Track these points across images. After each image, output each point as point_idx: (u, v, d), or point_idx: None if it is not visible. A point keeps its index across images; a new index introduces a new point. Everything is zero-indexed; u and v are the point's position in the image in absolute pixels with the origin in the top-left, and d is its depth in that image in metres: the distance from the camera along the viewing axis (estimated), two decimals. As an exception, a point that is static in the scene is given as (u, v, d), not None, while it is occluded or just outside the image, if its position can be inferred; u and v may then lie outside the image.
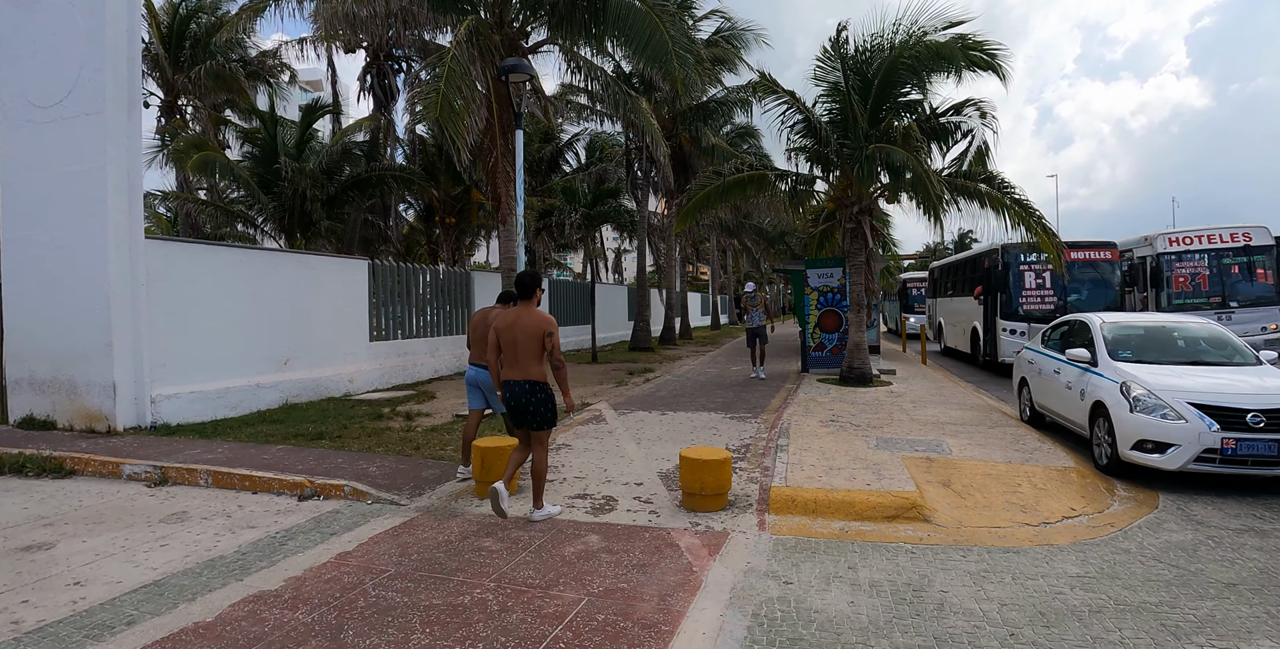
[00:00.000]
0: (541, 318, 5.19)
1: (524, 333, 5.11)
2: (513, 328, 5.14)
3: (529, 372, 5.14)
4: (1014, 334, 14.85)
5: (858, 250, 11.67)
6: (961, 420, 8.58)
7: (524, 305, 5.27)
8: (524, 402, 5.13)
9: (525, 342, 5.11)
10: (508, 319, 5.18)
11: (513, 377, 5.18)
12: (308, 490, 6.03)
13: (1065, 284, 14.82)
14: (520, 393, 5.13)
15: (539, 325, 5.12)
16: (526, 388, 5.12)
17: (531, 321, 5.13)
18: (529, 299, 5.29)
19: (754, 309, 13.16)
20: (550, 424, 5.26)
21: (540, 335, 5.11)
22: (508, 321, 5.17)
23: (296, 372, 10.97)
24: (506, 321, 5.17)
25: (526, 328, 5.12)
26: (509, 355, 5.19)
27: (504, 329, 5.17)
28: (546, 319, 5.21)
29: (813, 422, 8.29)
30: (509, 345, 5.16)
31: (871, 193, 11.57)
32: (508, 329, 5.15)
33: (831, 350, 13.26)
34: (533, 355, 5.13)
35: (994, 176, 10.55)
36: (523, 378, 5.14)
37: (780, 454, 6.58)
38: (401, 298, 13.91)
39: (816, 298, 13.22)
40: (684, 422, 8.52)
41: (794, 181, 11.85)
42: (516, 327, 5.13)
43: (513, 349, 5.15)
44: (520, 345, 5.13)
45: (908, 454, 6.62)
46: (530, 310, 5.22)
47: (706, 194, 12.19)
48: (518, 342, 5.13)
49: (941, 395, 10.80)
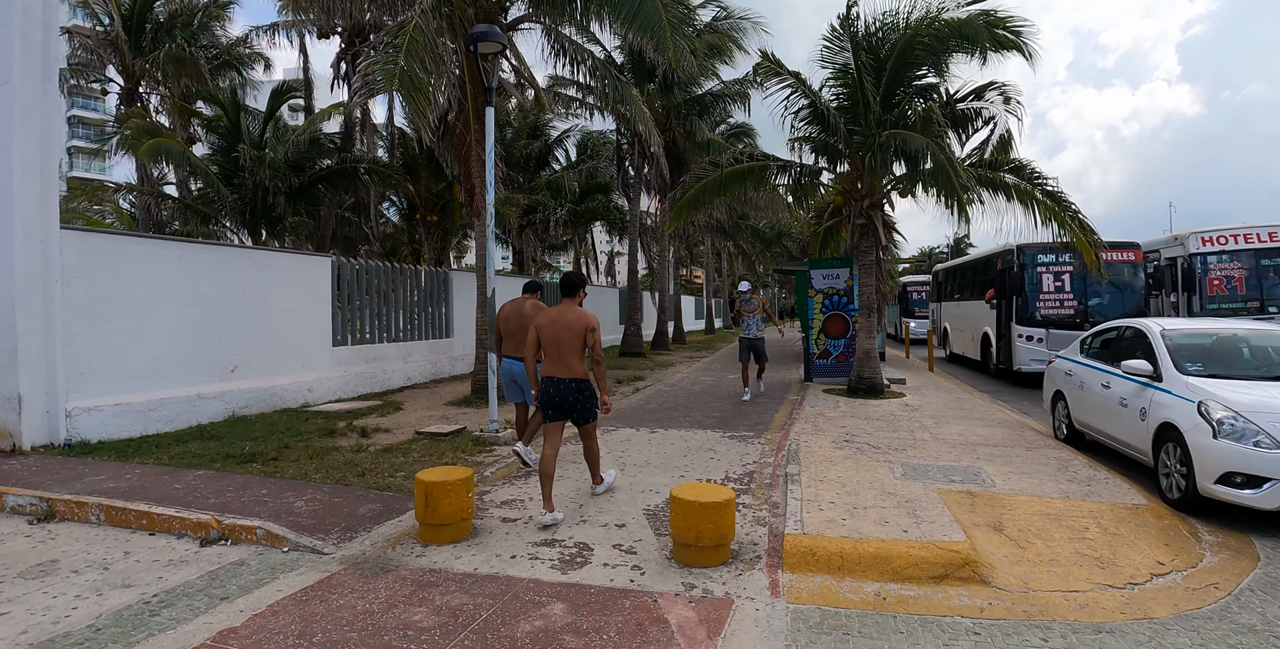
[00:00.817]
0: (584, 315, 5.26)
1: (567, 330, 5.19)
2: (555, 324, 5.22)
3: (573, 369, 5.21)
4: (1030, 341, 13.84)
5: (868, 248, 10.62)
6: (992, 440, 7.53)
7: (566, 303, 5.35)
8: (570, 399, 5.21)
9: (569, 338, 5.18)
10: (550, 316, 5.28)
11: (556, 373, 5.22)
12: (214, 532, 4.91)
13: (1087, 287, 13.85)
14: (566, 391, 5.20)
15: (582, 322, 5.21)
16: (573, 386, 5.21)
17: (574, 319, 5.22)
18: (572, 297, 5.39)
19: (750, 314, 10.55)
20: (593, 418, 5.37)
21: (583, 332, 5.19)
22: (550, 319, 5.26)
23: (246, 380, 9.84)
24: (549, 319, 5.27)
25: (570, 325, 5.19)
26: (551, 352, 5.24)
27: (546, 326, 5.24)
28: (589, 317, 5.28)
29: (825, 442, 7.21)
30: (551, 342, 5.22)
31: (883, 185, 10.54)
32: (550, 326, 5.23)
33: (837, 358, 12.21)
34: (575, 352, 5.22)
35: (1023, 166, 9.51)
36: (567, 375, 5.20)
37: (791, 486, 5.49)
38: (371, 299, 12.80)
39: (821, 301, 12.17)
40: (676, 442, 7.43)
41: (798, 173, 10.80)
42: (560, 324, 5.21)
43: (555, 346, 5.21)
44: (564, 342, 5.19)
45: (943, 486, 5.55)
46: (573, 308, 5.31)
47: (703, 187, 11.13)
48: (561, 338, 5.19)
49: (961, 409, 9.75)
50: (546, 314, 5.34)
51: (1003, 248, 15.09)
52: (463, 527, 4.69)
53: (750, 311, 10.63)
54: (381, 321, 13.04)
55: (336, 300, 12.05)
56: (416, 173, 20.19)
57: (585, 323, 5.22)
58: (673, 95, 19.11)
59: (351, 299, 12.29)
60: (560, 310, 5.30)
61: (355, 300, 12.42)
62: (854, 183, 10.70)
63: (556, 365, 5.22)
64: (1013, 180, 9.33)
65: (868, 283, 10.67)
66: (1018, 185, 9.35)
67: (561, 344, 5.19)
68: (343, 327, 12.14)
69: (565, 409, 5.24)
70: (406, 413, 10.03)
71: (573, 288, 5.43)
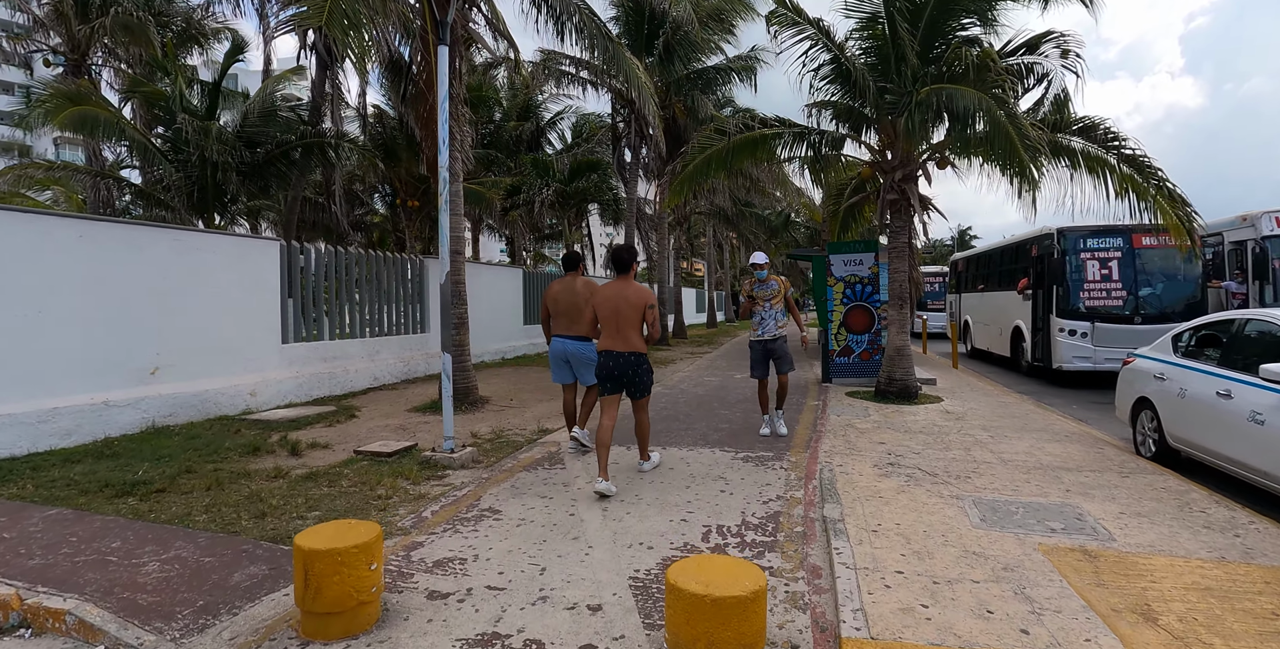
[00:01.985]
0: (643, 291, 5.41)
1: (627, 304, 5.33)
2: (615, 300, 5.36)
3: (631, 342, 5.35)
4: (1073, 336, 12.34)
5: (899, 229, 9.09)
6: (1071, 461, 6.02)
7: (623, 278, 5.52)
8: (629, 372, 5.36)
9: (628, 313, 5.32)
10: (609, 292, 5.40)
11: (615, 346, 5.37)
12: (13, 616, 3.42)
13: (1137, 276, 12.34)
14: (625, 364, 5.35)
15: (641, 297, 5.36)
16: (631, 359, 5.36)
17: (634, 294, 5.37)
18: (626, 272, 5.55)
19: (766, 304, 7.11)
20: (648, 392, 5.54)
21: (642, 307, 5.35)
22: (608, 294, 5.40)
23: (170, 384, 8.34)
24: (607, 294, 5.40)
25: (630, 300, 5.34)
26: (609, 326, 5.38)
27: (604, 302, 5.40)
28: (648, 292, 5.41)
29: (865, 466, 5.70)
30: (610, 316, 5.37)
31: (920, 154, 9.00)
32: (609, 301, 5.37)
33: (860, 355, 10.69)
34: (634, 326, 5.35)
35: (1094, 125, 7.94)
36: (626, 348, 5.36)
37: (836, 540, 3.97)
38: (331, 290, 11.29)
39: (842, 290, 10.65)
40: (676, 465, 5.90)
41: (818, 142, 9.27)
42: (620, 298, 5.35)
43: (614, 320, 5.35)
44: (623, 316, 5.33)
45: (1043, 539, 4.04)
46: (630, 283, 5.47)
47: (707, 158, 9.60)
48: (620, 312, 5.33)
49: (1012, 417, 8.25)
50: (605, 290, 5.48)
51: (1039, 232, 13.58)
52: (362, 614, 3.19)
53: (767, 300, 7.10)
54: (344, 315, 11.54)
55: (288, 290, 10.55)
56: (396, 154, 18.65)
57: (645, 298, 5.36)
58: (673, 68, 17.55)
59: (306, 289, 10.78)
60: (620, 286, 5.43)
61: (311, 291, 10.91)
62: (884, 152, 9.16)
63: (615, 339, 5.37)
64: (1080, 144, 7.79)
65: (899, 269, 9.15)
66: (1086, 150, 7.82)
67: (621, 318, 5.33)
68: (295, 321, 10.63)
69: (623, 381, 5.39)
70: (360, 421, 8.54)
71: (625, 264, 5.59)
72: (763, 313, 7.16)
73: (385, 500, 5.01)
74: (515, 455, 6.26)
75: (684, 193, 10.07)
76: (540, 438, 7.06)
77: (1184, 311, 12.06)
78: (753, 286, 7.24)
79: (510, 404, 9.67)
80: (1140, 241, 12.45)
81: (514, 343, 17.38)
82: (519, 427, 7.98)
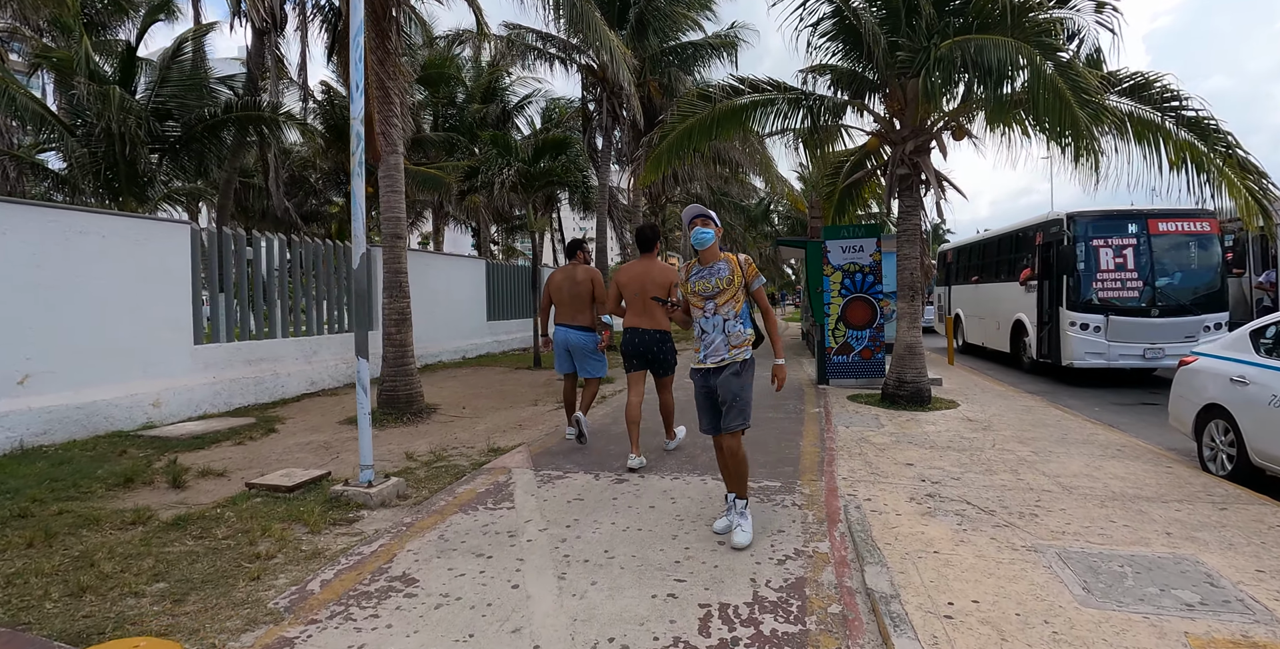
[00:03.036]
0: (668, 270, 5.40)
1: (653, 283, 5.33)
2: (641, 279, 5.39)
3: (657, 321, 5.40)
4: (1085, 330, 11.29)
5: (910, 209, 7.91)
6: (1143, 486, 4.87)
7: (646, 258, 5.52)
8: (654, 350, 5.43)
9: (654, 292, 5.27)
10: (633, 272, 5.47)
11: (641, 324, 5.41)
12: None
13: (1154, 265, 11.33)
14: (650, 341, 5.41)
15: (667, 276, 5.33)
16: (656, 337, 5.43)
17: (658, 273, 5.36)
18: (650, 252, 5.54)
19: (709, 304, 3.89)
20: (672, 370, 5.64)
21: (669, 285, 5.29)
22: (633, 274, 5.46)
23: (46, 394, 6.90)
24: (632, 274, 5.47)
25: (655, 279, 5.35)
26: (635, 305, 5.43)
27: (630, 281, 5.44)
28: (672, 272, 5.35)
29: (899, 500, 4.48)
30: (636, 295, 5.39)
31: (930, 126, 7.81)
32: (634, 281, 5.42)
33: (861, 354, 9.50)
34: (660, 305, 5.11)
35: (1148, 82, 6.71)
36: (652, 327, 5.41)
37: (901, 640, 2.71)
38: (258, 281, 9.86)
39: (840, 280, 9.44)
40: (657, 502, 4.57)
41: (816, 108, 8.03)
42: (645, 278, 5.38)
43: (641, 299, 5.35)
44: (648, 295, 5.26)
45: (1188, 625, 2.82)
46: (655, 263, 5.47)
47: (689, 129, 8.32)
48: (646, 292, 5.31)
49: (1043, 424, 7.12)
50: (631, 269, 5.52)
51: (1046, 218, 12.54)
52: None
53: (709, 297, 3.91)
54: (274, 311, 10.11)
55: (208, 283, 9.13)
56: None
57: (669, 278, 5.32)
58: (647, 43, 16.22)
59: (226, 281, 9.34)
60: (644, 265, 5.44)
61: (233, 283, 9.48)
62: (893, 121, 7.96)
63: (641, 317, 5.40)
64: (1129, 106, 6.63)
65: (909, 255, 7.96)
66: (1135, 113, 6.66)
67: (646, 297, 5.28)
68: (214, 318, 9.20)
69: (648, 359, 5.45)
70: (279, 437, 7.17)
71: (649, 243, 5.52)
72: (705, 322, 3.99)
73: (264, 563, 3.68)
74: (452, 489, 4.93)
75: (662, 167, 8.79)
76: (488, 462, 5.73)
77: (1204, 304, 11.11)
78: (689, 272, 4.05)
79: (462, 414, 8.33)
80: (1157, 227, 11.46)
81: (476, 340, 16.00)
82: (466, 444, 6.66)
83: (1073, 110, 5.63)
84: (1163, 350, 11.06)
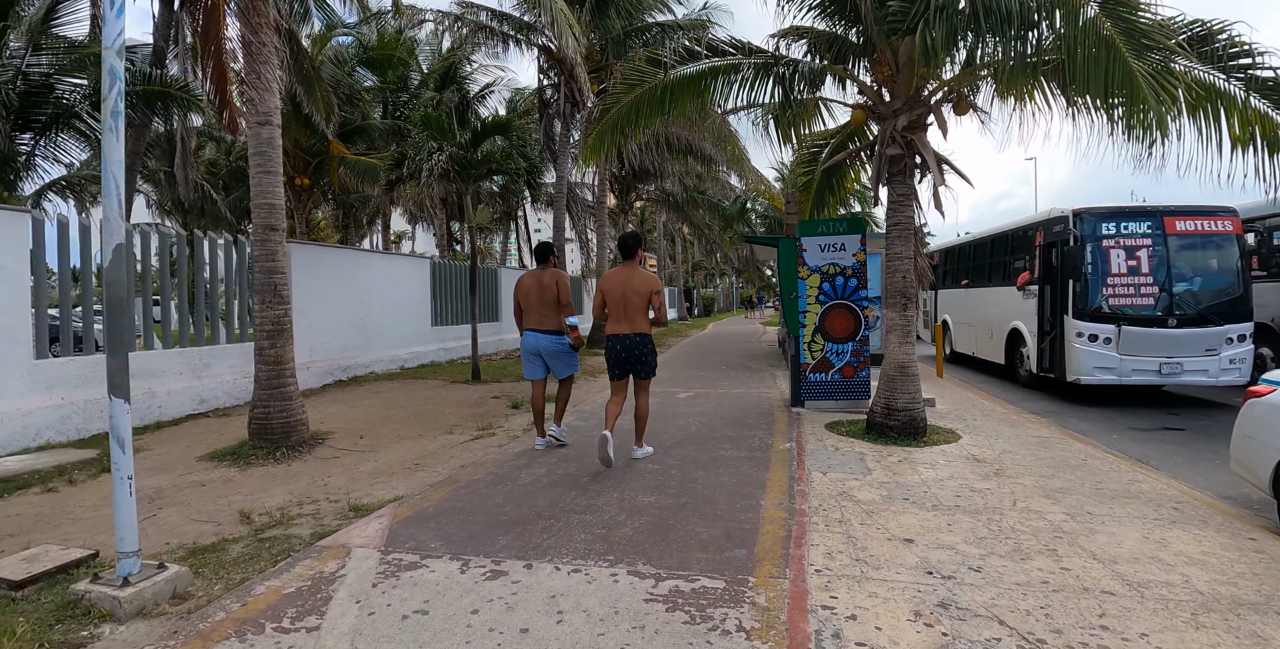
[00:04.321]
0: (649, 277, 5.77)
1: (634, 291, 5.66)
2: (623, 286, 5.67)
3: (638, 325, 5.70)
4: (1095, 342, 9.97)
5: (902, 199, 6.47)
6: (1243, 585, 3.44)
7: (628, 265, 5.84)
8: (636, 353, 5.69)
9: (635, 299, 5.66)
10: (616, 280, 5.73)
11: (623, 330, 5.69)
12: None
13: (1171, 268, 10.04)
14: (632, 345, 5.68)
15: (647, 284, 5.70)
16: (638, 340, 5.69)
17: (641, 281, 5.70)
18: (632, 258, 5.87)
19: None
20: (652, 374, 5.86)
21: (649, 293, 5.69)
22: (616, 282, 5.71)
23: None
24: (615, 282, 5.72)
25: (636, 286, 5.67)
26: (616, 311, 5.71)
27: (613, 288, 5.70)
28: (654, 280, 5.79)
29: (898, 618, 2.95)
30: (618, 302, 5.69)
31: (926, 97, 6.38)
32: (618, 288, 5.68)
33: (842, 371, 8.05)
34: (641, 311, 5.70)
35: (1210, 33, 5.23)
36: (632, 331, 5.69)
37: None
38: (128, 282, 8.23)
39: (818, 284, 7.99)
40: (534, 622, 2.95)
41: (789, 76, 6.57)
42: (627, 285, 5.68)
43: (622, 305, 5.67)
44: (630, 302, 5.65)
45: None
46: (636, 269, 5.80)
47: (636, 100, 6.85)
48: (628, 298, 5.66)
49: (1067, 465, 5.72)
50: (611, 277, 5.77)
51: (1048, 215, 11.22)
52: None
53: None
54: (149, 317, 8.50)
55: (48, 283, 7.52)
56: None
57: (650, 286, 5.71)
58: (610, 22, 14.76)
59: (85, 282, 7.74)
60: (626, 273, 5.74)
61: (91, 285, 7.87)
62: (881, 90, 6.53)
63: (622, 323, 5.69)
64: (1181, 65, 5.17)
65: (900, 254, 6.52)
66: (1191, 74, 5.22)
67: (628, 304, 5.65)
68: (63, 326, 7.60)
69: (630, 363, 5.72)
70: (107, 480, 5.60)
71: (631, 250, 5.89)
72: None
73: None
74: (251, 587, 3.38)
75: (605, 147, 7.29)
76: (335, 531, 4.19)
77: (1227, 313, 9.82)
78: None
79: (355, 446, 6.78)
80: (1174, 226, 10.17)
81: (418, 348, 14.41)
82: (335, 494, 5.13)
83: (1125, 63, 4.23)
84: (1181, 365, 9.78)
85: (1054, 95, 5.72)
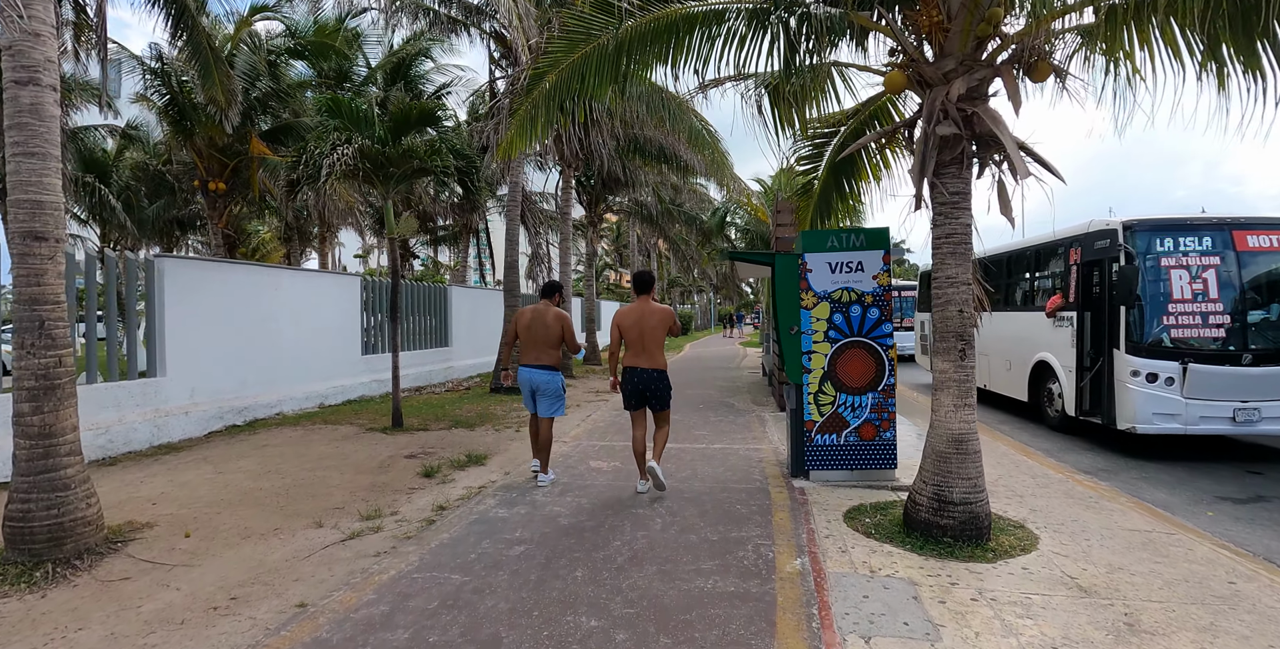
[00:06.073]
0: (664, 311, 5.85)
1: (650, 326, 5.78)
2: (640, 322, 5.78)
3: (655, 360, 5.81)
4: (1154, 382, 8.18)
5: (956, 199, 4.51)
6: None
7: (643, 300, 5.92)
8: (653, 387, 5.79)
9: (653, 333, 5.79)
10: (633, 316, 5.81)
11: (641, 364, 5.79)
12: None
13: (1244, 292, 8.29)
14: (649, 379, 5.77)
15: (664, 318, 5.81)
16: (654, 375, 5.79)
17: (657, 315, 5.81)
18: (647, 293, 5.95)
19: None
20: (669, 404, 5.95)
21: (665, 326, 5.83)
22: (634, 318, 5.80)
23: None
24: (632, 318, 5.80)
25: (652, 320, 5.79)
26: (635, 346, 5.80)
27: (630, 325, 5.80)
28: (668, 311, 5.87)
29: None
30: (636, 338, 5.79)
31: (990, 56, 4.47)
32: (635, 324, 5.79)
33: (860, 431, 6.03)
34: (659, 344, 5.82)
35: None
36: (651, 366, 5.79)
37: None
38: None
39: (828, 316, 5.99)
40: None
41: (797, 26, 4.62)
42: (644, 320, 5.79)
43: (641, 341, 5.78)
44: (648, 336, 5.77)
45: None
46: (650, 304, 5.89)
47: (579, 64, 4.87)
48: (645, 333, 5.77)
49: (1213, 596, 3.80)
50: (628, 313, 5.84)
51: (1088, 228, 9.40)
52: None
53: None
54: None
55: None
56: (187, 117, 13.43)
57: (666, 320, 5.84)
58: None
59: None
60: (640, 309, 5.83)
61: None
62: (921, 47, 4.62)
63: (640, 358, 5.79)
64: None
65: (955, 278, 4.54)
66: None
67: (647, 338, 5.76)
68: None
69: (647, 396, 5.82)
70: None
71: (646, 285, 5.97)
72: None
73: None
74: None
75: (537, 129, 5.30)
76: None
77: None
78: None
79: (172, 553, 4.62)
80: (1246, 242, 8.46)
81: (344, 381, 12.22)
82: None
83: None
84: (1258, 411, 8.03)
85: (1196, 45, 3.81)
